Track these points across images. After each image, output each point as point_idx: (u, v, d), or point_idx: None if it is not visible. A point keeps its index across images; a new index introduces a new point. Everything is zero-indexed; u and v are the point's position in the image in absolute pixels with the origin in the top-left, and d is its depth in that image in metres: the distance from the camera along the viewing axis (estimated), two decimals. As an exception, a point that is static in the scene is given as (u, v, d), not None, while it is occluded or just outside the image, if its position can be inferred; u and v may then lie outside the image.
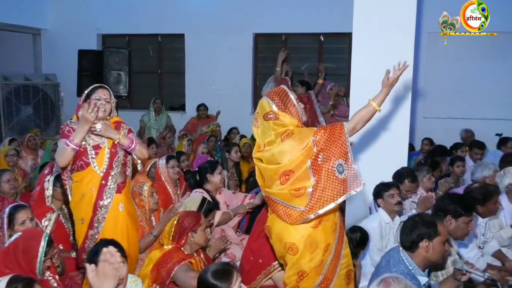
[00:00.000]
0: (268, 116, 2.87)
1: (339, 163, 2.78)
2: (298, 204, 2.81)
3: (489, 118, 7.74)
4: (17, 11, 8.67)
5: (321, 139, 2.78)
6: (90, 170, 3.27)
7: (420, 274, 2.68)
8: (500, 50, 7.61)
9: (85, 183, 3.28)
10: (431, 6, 6.52)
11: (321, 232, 2.87)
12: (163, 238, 3.37)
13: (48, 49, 9.60)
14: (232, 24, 8.65)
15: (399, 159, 4.29)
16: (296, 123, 2.86)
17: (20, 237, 2.84)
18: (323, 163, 2.77)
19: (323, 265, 2.88)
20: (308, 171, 2.77)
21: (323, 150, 2.78)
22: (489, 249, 4.02)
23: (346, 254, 3.02)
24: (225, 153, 6.11)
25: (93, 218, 3.29)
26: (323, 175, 2.77)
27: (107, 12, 9.17)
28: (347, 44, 8.06)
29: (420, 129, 7.72)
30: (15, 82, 8.64)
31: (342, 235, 2.99)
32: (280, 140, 2.81)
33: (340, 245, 2.95)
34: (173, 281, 3.10)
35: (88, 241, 3.31)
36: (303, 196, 2.79)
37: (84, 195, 3.29)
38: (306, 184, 2.78)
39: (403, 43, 4.17)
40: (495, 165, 4.84)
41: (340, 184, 2.79)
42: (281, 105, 2.86)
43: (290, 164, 2.79)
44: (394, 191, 3.88)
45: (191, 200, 4.16)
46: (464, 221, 3.17)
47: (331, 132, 2.81)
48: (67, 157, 3.16)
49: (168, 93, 9.47)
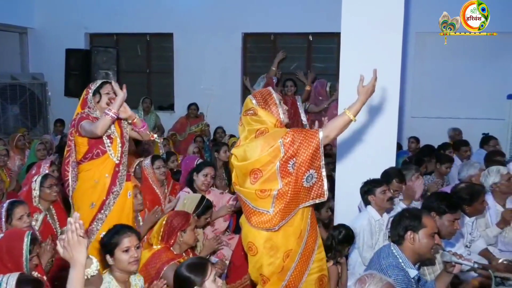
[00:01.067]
0: (248, 112, 2.90)
1: (310, 174, 2.79)
2: (261, 206, 2.82)
3: (476, 118, 7.81)
4: (3, 9, 8.58)
5: (291, 142, 2.76)
6: (106, 158, 3.62)
7: (410, 267, 2.70)
8: (490, 50, 7.65)
9: (99, 170, 3.61)
10: (419, 6, 6.58)
11: (281, 237, 2.86)
12: (152, 238, 3.37)
13: (35, 48, 9.51)
14: (221, 24, 8.63)
15: (387, 159, 4.31)
16: (274, 121, 2.86)
17: (2, 238, 2.82)
18: (295, 171, 2.76)
19: (284, 271, 2.88)
20: (276, 173, 2.78)
21: (295, 156, 2.76)
22: (476, 248, 4.05)
23: (319, 259, 3.00)
24: (214, 153, 6.10)
25: (104, 201, 3.63)
26: (292, 185, 2.77)
27: (95, 11, 9.10)
28: (335, 44, 8.08)
29: (408, 128, 7.77)
30: (1, 82, 8.55)
31: (312, 242, 2.96)
32: (254, 136, 2.84)
33: (309, 252, 2.93)
34: (162, 281, 3.09)
35: (94, 223, 3.62)
36: (267, 199, 2.79)
37: (98, 181, 3.62)
38: (272, 186, 2.79)
39: (391, 43, 4.19)
40: (481, 164, 4.89)
41: (305, 192, 2.82)
42: (261, 103, 2.89)
43: (257, 162, 2.79)
44: (385, 187, 3.89)
45: (189, 198, 4.15)
46: (448, 218, 3.19)
47: (305, 138, 2.78)
48: (106, 125, 3.45)
49: (157, 93, 9.42)
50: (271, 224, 2.81)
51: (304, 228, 2.90)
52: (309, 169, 2.78)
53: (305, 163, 2.76)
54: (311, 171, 2.79)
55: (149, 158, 4.71)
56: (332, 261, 3.51)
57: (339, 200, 4.37)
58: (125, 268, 2.72)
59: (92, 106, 3.68)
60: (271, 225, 2.82)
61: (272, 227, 2.82)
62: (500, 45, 7.55)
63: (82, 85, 8.36)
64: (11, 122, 8.67)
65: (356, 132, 4.26)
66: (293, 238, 2.87)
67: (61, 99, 8.87)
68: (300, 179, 2.78)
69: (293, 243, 2.87)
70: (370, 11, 4.20)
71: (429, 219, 2.81)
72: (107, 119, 3.42)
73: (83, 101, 3.73)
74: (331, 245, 3.54)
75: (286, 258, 2.87)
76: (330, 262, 3.49)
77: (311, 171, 2.79)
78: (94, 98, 3.67)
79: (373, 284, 2.08)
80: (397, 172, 4.24)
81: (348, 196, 4.29)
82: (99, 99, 3.66)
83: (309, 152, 2.75)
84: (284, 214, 2.81)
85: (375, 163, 4.23)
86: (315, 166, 2.79)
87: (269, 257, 2.87)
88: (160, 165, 4.71)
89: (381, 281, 2.10)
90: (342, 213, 4.32)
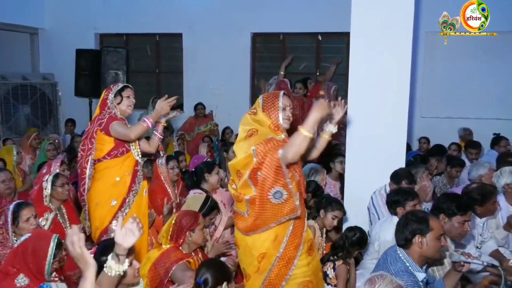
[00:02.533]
0: (252, 110, 2.96)
1: (277, 190, 2.79)
2: (241, 208, 2.92)
3: (487, 118, 7.74)
4: (14, 10, 8.65)
5: (261, 152, 2.76)
6: (128, 156, 3.76)
7: (418, 270, 2.68)
8: (500, 50, 7.59)
9: (122, 168, 3.74)
10: (429, 6, 6.53)
11: (252, 240, 2.91)
12: (161, 238, 3.37)
13: (45, 49, 9.59)
14: (230, 24, 8.64)
15: (397, 159, 4.29)
16: (268, 124, 2.87)
17: (29, 238, 2.84)
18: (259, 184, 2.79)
19: (261, 272, 2.92)
20: (248, 181, 2.81)
21: (261, 169, 2.76)
22: (486, 249, 4.02)
23: (304, 264, 2.98)
24: (223, 152, 6.10)
25: (125, 199, 3.75)
26: (258, 197, 2.80)
27: (104, 11, 9.15)
28: (345, 44, 8.06)
29: (418, 128, 7.72)
30: (12, 82, 8.61)
31: (294, 248, 2.94)
32: (245, 137, 2.88)
33: (288, 256, 2.91)
34: (171, 280, 3.10)
35: (114, 221, 3.68)
36: (242, 202, 2.88)
37: (120, 179, 3.73)
38: (247, 191, 2.84)
39: (401, 43, 4.16)
40: (491, 164, 4.84)
41: (277, 208, 2.83)
42: (266, 104, 2.92)
43: (238, 163, 2.85)
44: (417, 200, 3.69)
45: (194, 198, 4.15)
46: (458, 220, 3.12)
47: (269, 151, 2.76)
48: (142, 132, 3.70)
49: (166, 93, 9.17)
50: (247, 230, 2.91)
51: (282, 233, 2.90)
52: (274, 186, 2.78)
53: (268, 179, 2.77)
54: (278, 188, 2.78)
55: (164, 158, 4.72)
56: (342, 261, 3.51)
57: (348, 201, 4.34)
58: (131, 280, 2.69)
59: (112, 106, 3.76)
60: (246, 231, 2.91)
61: (246, 233, 2.91)
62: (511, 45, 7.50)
63: (92, 85, 8.47)
64: (22, 122, 8.73)
65: (366, 133, 4.24)
66: (267, 243, 2.89)
67: (72, 99, 8.94)
68: (265, 194, 2.79)
69: (267, 247, 2.90)
70: (379, 10, 4.18)
71: (435, 221, 2.78)
72: (144, 127, 3.65)
73: (102, 102, 3.81)
74: (343, 245, 3.54)
75: (261, 259, 2.91)
76: (339, 261, 3.51)
77: (278, 188, 2.78)
78: (115, 99, 3.76)
79: (383, 285, 2.08)
80: (406, 173, 4.21)
81: (357, 197, 4.28)
82: (120, 101, 3.77)
83: (272, 168, 2.76)
84: (258, 225, 2.86)
85: (385, 164, 4.21)
86: (281, 183, 2.78)
87: (245, 256, 2.98)
88: (174, 165, 4.75)
89: (392, 283, 2.09)
90: (351, 214, 4.30)
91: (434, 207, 3.29)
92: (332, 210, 3.76)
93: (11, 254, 2.81)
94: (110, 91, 3.80)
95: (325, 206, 3.79)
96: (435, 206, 3.29)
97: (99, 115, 3.75)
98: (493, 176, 4.51)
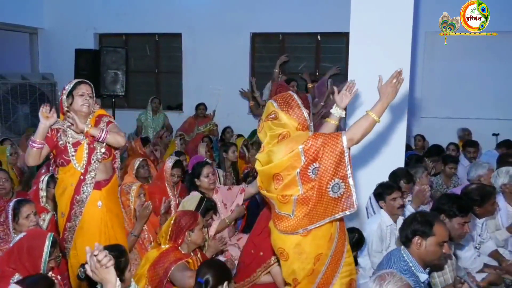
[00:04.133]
0: (270, 116, 2.77)
1: (336, 183, 2.66)
2: (285, 210, 2.75)
3: (486, 118, 7.75)
4: (13, 10, 8.65)
5: (311, 148, 2.63)
6: (71, 167, 3.38)
7: (420, 271, 2.69)
8: (500, 50, 7.60)
9: (66, 178, 3.41)
10: (428, 6, 6.54)
11: (311, 241, 2.78)
12: (160, 238, 3.37)
13: (45, 48, 9.58)
14: (229, 24, 8.64)
15: (396, 159, 4.29)
16: (295, 125, 2.72)
17: (24, 237, 2.84)
18: (318, 178, 2.64)
19: (315, 274, 2.81)
20: (296, 178, 2.67)
21: (315, 161, 2.63)
22: (485, 249, 4.02)
23: (349, 263, 2.91)
24: (222, 152, 6.10)
25: (70, 212, 3.40)
26: (315, 192, 2.65)
27: (104, 11, 9.15)
28: (344, 44, 8.07)
29: (417, 128, 7.73)
30: (12, 81, 8.60)
31: (342, 244, 2.87)
32: (277, 141, 2.72)
33: (339, 254, 2.84)
34: (170, 281, 3.10)
35: (67, 232, 3.43)
36: (288, 203, 2.72)
37: (65, 190, 3.41)
38: (293, 192, 2.69)
39: (401, 43, 4.17)
40: (490, 164, 4.85)
41: (333, 203, 2.69)
42: (283, 105, 2.75)
43: (277, 166, 2.69)
44: (397, 194, 3.81)
45: (189, 199, 4.14)
46: (458, 221, 3.16)
47: (327, 142, 2.64)
48: (33, 156, 3.29)
49: (166, 93, 9.44)
50: (294, 228, 2.75)
51: (334, 231, 2.81)
52: (334, 178, 2.65)
53: (329, 170, 2.63)
54: (337, 180, 2.65)
55: (171, 162, 4.68)
56: None
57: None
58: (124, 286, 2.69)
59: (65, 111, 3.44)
60: (293, 229, 2.75)
61: (294, 231, 2.75)
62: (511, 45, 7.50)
63: (91, 85, 8.45)
64: (21, 122, 8.72)
65: (364, 132, 4.24)
66: (322, 242, 2.79)
67: (71, 99, 8.91)
68: (324, 187, 2.65)
69: (324, 247, 2.79)
70: (379, 10, 4.19)
71: (440, 227, 2.74)
72: (32, 151, 3.29)
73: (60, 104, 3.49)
74: None
75: (316, 262, 2.80)
76: None
77: (337, 180, 2.65)
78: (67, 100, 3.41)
79: (393, 282, 2.08)
80: (404, 173, 4.22)
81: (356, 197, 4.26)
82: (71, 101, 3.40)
83: (333, 158, 2.63)
84: (310, 221, 2.72)
85: (384, 164, 4.22)
86: (340, 175, 2.66)
87: (300, 262, 2.80)
88: (177, 174, 4.73)
89: (401, 281, 2.09)
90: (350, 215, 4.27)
91: (435, 208, 3.30)
92: None
93: (6, 254, 2.80)
94: (62, 91, 3.46)
95: None
96: (436, 207, 3.30)
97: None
98: (491, 176, 4.52)
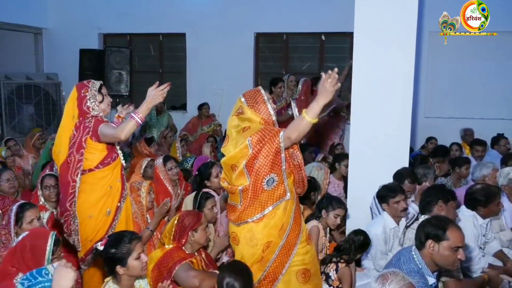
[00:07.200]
0: (237, 111, 2.98)
1: (270, 177, 2.83)
2: (234, 200, 2.96)
3: (491, 118, 7.72)
4: (18, 10, 8.68)
5: (257, 141, 2.79)
6: (118, 162, 3.48)
7: (428, 275, 2.67)
8: (500, 50, 7.58)
9: (113, 175, 3.45)
10: (432, 6, 6.51)
11: (262, 229, 2.92)
12: (164, 238, 3.37)
13: (49, 48, 9.61)
14: (233, 24, 8.64)
15: (400, 159, 4.28)
16: (258, 120, 2.90)
17: (27, 236, 2.84)
18: (254, 172, 2.82)
19: (264, 261, 2.94)
20: (244, 171, 2.84)
21: (258, 158, 2.80)
22: (490, 249, 4.01)
23: (302, 253, 3.00)
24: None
25: (118, 207, 3.49)
26: (251, 188, 2.84)
27: (108, 11, 9.17)
28: (348, 44, 8.05)
29: (421, 128, 7.70)
30: (16, 81, 8.64)
31: (295, 236, 2.97)
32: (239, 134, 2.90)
33: (290, 245, 2.95)
34: (174, 281, 3.10)
35: (110, 230, 3.44)
36: (236, 193, 2.91)
37: (112, 187, 3.45)
38: (242, 182, 2.87)
39: (405, 43, 4.16)
40: (494, 164, 4.84)
41: (267, 195, 2.87)
42: (249, 101, 2.95)
43: (233, 157, 2.87)
44: (400, 197, 3.78)
45: (188, 197, 4.15)
46: (452, 206, 3.44)
47: (268, 137, 2.78)
48: (132, 131, 3.24)
49: (170, 93, 9.21)
50: (241, 217, 2.93)
51: (287, 222, 2.93)
52: (270, 173, 2.82)
53: (266, 165, 2.79)
54: (272, 175, 2.83)
55: (161, 158, 4.70)
56: (345, 263, 3.52)
57: (352, 202, 4.33)
58: (138, 273, 2.75)
59: (94, 106, 3.44)
60: (240, 219, 2.93)
61: (241, 221, 2.93)
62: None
63: (95, 85, 8.47)
64: (26, 122, 8.75)
65: (369, 132, 4.23)
66: (274, 231, 2.91)
67: (75, 99, 8.92)
68: (260, 181, 2.83)
69: (274, 235, 2.91)
70: (383, 10, 4.18)
71: (455, 232, 2.70)
72: (133, 124, 3.17)
73: (80, 101, 3.46)
74: (349, 249, 3.53)
75: (266, 249, 2.93)
76: (343, 264, 3.51)
77: (272, 175, 2.83)
78: (97, 97, 3.46)
79: (395, 282, 2.06)
80: (409, 173, 4.21)
81: (361, 198, 4.28)
82: (101, 99, 3.46)
83: (270, 153, 2.78)
84: (253, 211, 2.89)
85: (388, 164, 4.21)
86: (276, 170, 2.83)
87: (250, 247, 2.95)
88: (172, 166, 4.68)
89: (403, 280, 2.08)
90: (355, 215, 4.30)
91: (428, 196, 3.62)
92: (333, 209, 3.76)
93: (9, 253, 2.78)
94: (86, 88, 3.44)
95: (326, 206, 3.79)
96: (430, 195, 3.63)
97: (84, 121, 3.36)
98: (496, 176, 4.51)
